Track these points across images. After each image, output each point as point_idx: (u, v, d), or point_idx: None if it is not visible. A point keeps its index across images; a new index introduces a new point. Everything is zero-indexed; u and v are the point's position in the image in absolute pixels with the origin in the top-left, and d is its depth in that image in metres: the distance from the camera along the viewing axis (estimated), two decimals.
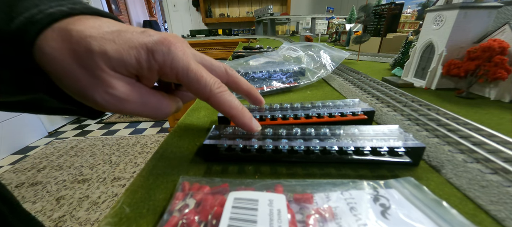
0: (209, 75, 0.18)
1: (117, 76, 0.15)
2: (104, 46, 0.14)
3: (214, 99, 0.18)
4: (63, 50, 0.14)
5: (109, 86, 0.15)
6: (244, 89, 0.22)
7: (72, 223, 1.04)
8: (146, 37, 0.16)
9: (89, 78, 0.14)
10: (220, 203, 0.14)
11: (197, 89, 0.17)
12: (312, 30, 1.55)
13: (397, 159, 0.19)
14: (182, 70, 0.16)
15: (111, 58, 0.14)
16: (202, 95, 0.18)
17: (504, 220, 0.14)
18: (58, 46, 0.14)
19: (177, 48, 0.16)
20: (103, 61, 0.14)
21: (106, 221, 0.15)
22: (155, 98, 0.17)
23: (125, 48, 0.15)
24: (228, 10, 2.83)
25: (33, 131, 1.81)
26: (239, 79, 0.22)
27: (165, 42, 0.16)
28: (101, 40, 0.14)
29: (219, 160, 0.21)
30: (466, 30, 0.35)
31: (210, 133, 0.21)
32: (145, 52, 0.15)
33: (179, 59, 0.16)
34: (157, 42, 0.16)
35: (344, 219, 0.13)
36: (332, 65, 0.48)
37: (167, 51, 0.16)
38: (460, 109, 0.30)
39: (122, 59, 0.15)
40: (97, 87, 0.15)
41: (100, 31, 0.15)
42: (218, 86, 0.18)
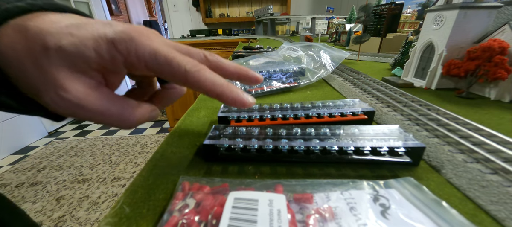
0: (183, 56, 0.16)
1: (75, 77, 0.14)
2: (60, 41, 0.13)
3: (192, 79, 0.15)
4: (16, 47, 0.13)
5: (61, 88, 0.14)
6: (231, 71, 0.19)
7: (72, 223, 1.04)
8: (107, 28, 0.14)
9: (42, 78, 0.13)
10: (220, 203, 0.14)
11: (170, 72, 0.15)
12: (312, 30, 1.55)
13: (397, 159, 0.19)
14: (150, 55, 0.15)
15: (67, 53, 0.13)
16: (179, 78, 0.16)
17: (504, 220, 0.14)
18: (11, 42, 0.13)
19: (142, 35, 0.15)
20: (59, 58, 0.13)
21: (106, 221, 0.15)
22: (116, 106, 0.16)
23: (82, 41, 0.14)
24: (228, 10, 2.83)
25: (33, 131, 1.81)
26: (222, 61, 0.19)
27: (127, 31, 0.15)
28: (58, 35, 0.13)
29: (219, 160, 0.21)
30: (466, 30, 0.35)
31: (210, 133, 0.21)
32: (105, 42, 0.14)
33: (145, 45, 0.15)
34: (119, 32, 0.14)
35: (344, 219, 0.13)
36: (332, 65, 0.48)
37: (129, 39, 0.14)
38: (460, 109, 0.30)
39: (79, 52, 0.14)
40: (48, 88, 0.14)
41: (59, 26, 0.14)
42: (194, 64, 0.16)
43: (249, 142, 0.20)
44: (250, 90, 0.39)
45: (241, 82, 0.20)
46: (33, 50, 0.13)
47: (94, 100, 0.15)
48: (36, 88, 0.14)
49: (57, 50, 0.13)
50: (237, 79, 0.20)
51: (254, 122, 0.26)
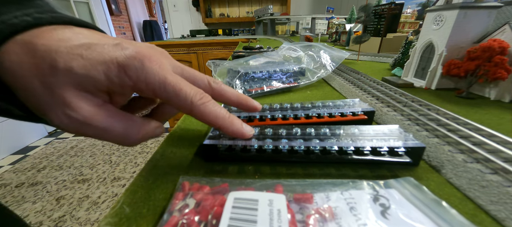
0: (189, 86, 0.16)
1: (82, 96, 0.14)
2: (70, 62, 0.13)
3: (197, 111, 0.16)
4: (24, 65, 0.13)
5: (69, 107, 0.14)
6: (233, 100, 0.21)
7: (72, 223, 1.04)
8: (117, 51, 0.15)
9: (49, 96, 0.13)
10: (220, 203, 0.14)
11: (177, 103, 0.16)
12: (312, 30, 1.55)
13: (397, 159, 0.19)
14: (159, 85, 0.15)
15: (77, 75, 0.13)
16: (184, 109, 0.16)
17: (504, 220, 0.14)
18: (19, 60, 0.13)
19: (152, 62, 0.15)
20: (68, 79, 0.13)
21: (106, 221, 0.15)
22: (121, 124, 0.16)
23: (93, 64, 0.14)
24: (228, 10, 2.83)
25: (33, 131, 1.81)
26: (225, 90, 0.20)
27: (138, 57, 0.15)
28: (68, 56, 0.13)
29: (219, 160, 0.21)
30: (466, 30, 0.35)
31: (210, 133, 0.21)
32: (115, 67, 0.14)
33: (155, 73, 0.15)
34: (129, 56, 0.15)
35: (344, 219, 0.13)
36: (332, 65, 0.48)
37: (140, 66, 0.15)
38: (460, 109, 0.30)
39: (89, 76, 0.14)
40: (55, 107, 0.14)
41: (68, 45, 0.14)
42: (200, 97, 0.17)
43: (249, 142, 0.20)
44: (250, 90, 0.39)
45: (240, 108, 0.21)
46: (41, 69, 0.13)
47: (100, 118, 0.15)
48: (43, 106, 0.14)
49: (66, 71, 0.13)
50: (237, 106, 0.21)
51: (254, 122, 0.26)
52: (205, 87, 0.19)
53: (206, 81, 0.19)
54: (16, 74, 0.13)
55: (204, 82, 0.19)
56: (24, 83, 0.13)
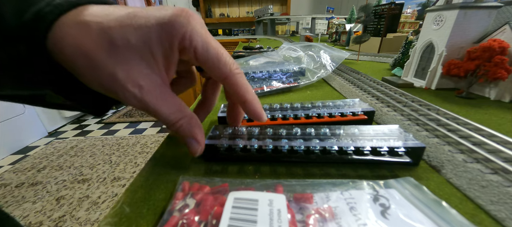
0: (228, 54, 0.17)
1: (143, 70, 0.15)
2: (126, 35, 0.13)
3: (233, 79, 0.17)
4: (84, 47, 0.13)
5: (134, 81, 0.14)
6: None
7: (72, 223, 1.04)
8: (164, 11, 0.15)
9: (115, 74, 0.14)
10: (220, 203, 0.14)
11: (216, 66, 0.16)
12: (312, 30, 1.55)
13: (397, 159, 0.19)
14: (202, 44, 0.15)
15: (134, 47, 0.14)
16: (221, 74, 0.17)
17: (504, 220, 0.14)
18: (78, 43, 0.13)
19: (195, 20, 0.15)
20: (128, 53, 0.14)
21: (106, 221, 0.15)
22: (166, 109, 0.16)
23: (145, 32, 0.14)
24: (228, 10, 2.83)
25: (33, 131, 1.81)
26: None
27: (183, 13, 0.15)
28: (121, 29, 0.13)
29: (219, 160, 0.21)
30: (466, 30, 0.35)
31: (209, 133, 0.21)
32: (164, 27, 0.14)
33: (199, 32, 0.15)
34: (175, 13, 0.15)
35: (344, 219, 0.13)
36: (332, 65, 0.48)
37: (186, 22, 0.15)
38: (460, 109, 0.30)
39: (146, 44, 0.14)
40: (124, 83, 0.14)
41: (117, 18, 0.14)
42: (237, 67, 0.17)
43: (249, 142, 0.20)
44: None
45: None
46: (101, 48, 0.13)
47: (153, 100, 0.15)
48: (109, 85, 0.14)
49: (125, 46, 0.13)
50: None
51: (254, 122, 0.26)
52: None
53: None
54: (78, 58, 0.13)
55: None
56: (88, 65, 0.13)
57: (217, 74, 0.17)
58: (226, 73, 0.17)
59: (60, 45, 0.13)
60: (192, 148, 0.18)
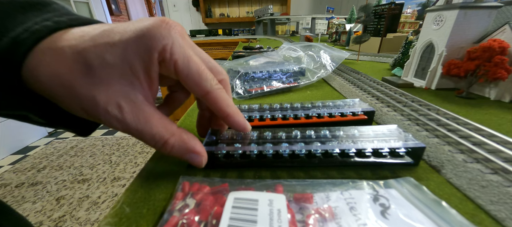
0: (207, 69, 0.16)
1: (124, 92, 0.14)
2: (102, 55, 0.13)
3: (213, 95, 0.17)
4: (59, 74, 0.12)
5: (114, 101, 0.14)
6: None
7: (72, 223, 1.04)
8: (144, 22, 0.14)
9: (93, 98, 0.13)
10: (220, 203, 0.14)
11: (197, 82, 0.16)
12: (312, 30, 1.55)
13: (399, 160, 0.19)
14: (183, 59, 0.15)
15: (112, 66, 0.13)
16: (201, 90, 0.16)
17: (504, 220, 0.14)
18: (54, 71, 0.12)
19: (177, 31, 0.15)
20: (106, 75, 0.13)
21: (106, 221, 0.15)
22: (152, 130, 0.15)
23: (122, 48, 0.13)
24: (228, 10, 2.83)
25: (33, 131, 1.81)
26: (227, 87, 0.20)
27: (163, 24, 0.14)
28: (97, 49, 0.13)
29: (217, 167, 0.20)
30: (466, 30, 0.35)
31: (206, 139, 0.20)
32: (145, 38, 0.14)
33: (180, 45, 0.15)
34: (155, 25, 0.14)
35: (344, 219, 0.13)
36: (332, 65, 0.48)
37: (166, 34, 0.14)
38: (460, 109, 0.30)
39: (125, 60, 0.13)
40: (103, 105, 0.13)
41: (91, 37, 0.13)
42: (216, 82, 0.17)
43: (249, 147, 0.19)
44: (250, 90, 0.39)
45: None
46: (77, 73, 0.13)
47: (135, 120, 0.14)
48: (87, 107, 0.13)
49: (102, 66, 0.13)
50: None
51: (254, 122, 0.26)
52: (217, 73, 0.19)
53: (220, 69, 0.20)
54: (54, 85, 0.13)
55: (218, 69, 0.20)
56: (65, 92, 0.13)
57: (198, 90, 0.16)
58: (207, 89, 0.16)
59: (36, 73, 0.12)
60: (196, 162, 0.17)
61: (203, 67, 0.16)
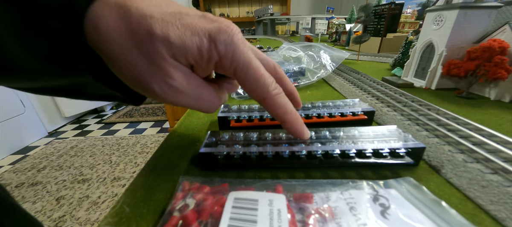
0: (267, 73, 0.16)
1: (176, 65, 0.14)
2: (167, 30, 0.13)
3: (270, 101, 0.16)
4: (121, 31, 0.12)
5: (168, 75, 0.14)
6: (288, 89, 0.21)
7: (72, 223, 1.04)
8: (208, 24, 0.14)
9: (148, 65, 0.13)
10: (220, 203, 0.14)
11: (254, 88, 0.16)
12: (312, 30, 1.55)
13: (399, 161, 0.19)
14: (243, 65, 0.15)
15: (173, 44, 0.13)
16: (259, 95, 0.16)
17: (504, 220, 0.14)
18: (116, 25, 0.12)
19: (239, 39, 0.15)
20: (165, 48, 0.13)
21: (106, 221, 0.15)
22: (208, 92, 0.16)
23: (187, 35, 0.13)
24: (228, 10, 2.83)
25: (33, 131, 1.81)
26: (285, 77, 0.21)
27: (228, 31, 0.14)
28: (163, 23, 0.13)
29: (217, 168, 0.20)
30: (466, 30, 0.35)
31: (205, 140, 0.20)
32: (207, 40, 0.14)
33: (241, 52, 0.15)
34: (220, 30, 0.14)
35: (344, 218, 0.13)
36: (332, 65, 0.48)
37: (229, 41, 0.14)
38: (460, 109, 0.30)
39: (184, 47, 0.13)
40: (155, 76, 0.13)
41: (161, 11, 0.13)
42: (274, 87, 0.16)
43: (249, 148, 0.19)
44: None
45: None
46: (138, 35, 0.13)
47: (192, 86, 0.15)
48: (141, 74, 0.13)
49: (164, 39, 0.13)
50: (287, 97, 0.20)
51: (254, 122, 0.26)
52: (271, 70, 0.19)
53: (272, 65, 0.20)
54: (114, 41, 0.12)
55: (270, 65, 0.19)
56: (122, 51, 0.13)
57: (255, 95, 0.16)
58: (264, 94, 0.16)
59: (97, 23, 0.12)
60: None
61: (261, 73, 0.16)
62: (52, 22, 0.12)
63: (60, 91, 0.18)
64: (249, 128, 0.25)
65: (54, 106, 1.94)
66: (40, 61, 0.13)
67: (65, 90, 0.17)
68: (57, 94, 0.18)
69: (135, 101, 0.18)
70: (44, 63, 0.13)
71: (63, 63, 0.14)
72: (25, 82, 0.16)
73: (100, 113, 2.31)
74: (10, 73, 0.13)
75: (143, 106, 2.39)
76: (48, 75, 0.14)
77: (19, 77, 0.14)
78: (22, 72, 0.13)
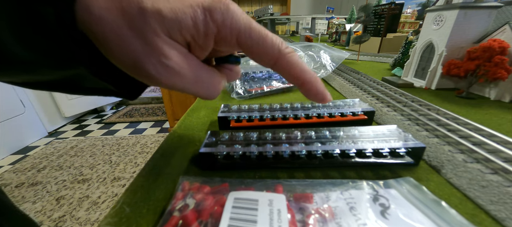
0: (273, 34, 0.15)
1: (171, 43, 0.13)
2: (158, 4, 0.12)
3: (284, 60, 0.15)
4: (112, 10, 0.12)
5: (163, 54, 0.13)
6: None
7: (72, 223, 1.04)
8: None
9: (142, 44, 0.13)
10: (220, 203, 0.14)
11: (263, 50, 0.15)
12: (312, 30, 1.55)
13: (399, 160, 0.19)
14: (245, 28, 0.14)
15: (165, 18, 0.13)
16: (269, 58, 0.15)
17: (504, 220, 0.14)
18: (107, 5, 0.12)
19: (234, 7, 0.14)
20: (157, 23, 0.13)
21: (106, 221, 0.15)
22: (208, 74, 0.15)
23: (179, 7, 0.13)
24: None
25: (33, 131, 1.81)
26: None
27: (222, 0, 0.14)
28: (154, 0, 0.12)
29: (217, 168, 0.20)
30: (466, 30, 0.35)
31: (205, 140, 0.20)
32: (202, 11, 0.13)
33: (239, 17, 0.14)
34: (215, 1, 0.13)
35: (344, 218, 0.13)
36: (332, 65, 0.48)
37: (225, 9, 0.14)
38: (460, 109, 0.30)
39: (177, 20, 0.13)
40: (150, 55, 0.13)
41: None
42: (286, 46, 0.15)
43: (248, 148, 0.19)
44: (250, 89, 0.39)
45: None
46: (129, 13, 0.12)
47: (190, 68, 0.14)
48: (135, 55, 0.13)
49: (155, 14, 0.12)
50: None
51: (254, 122, 0.26)
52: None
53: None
54: (106, 21, 0.12)
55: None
56: (115, 30, 0.12)
57: (266, 59, 0.15)
58: (275, 55, 0.15)
59: (87, 6, 0.12)
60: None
61: (266, 32, 0.15)
62: (44, 8, 0.11)
63: (55, 85, 0.17)
64: (249, 128, 0.25)
65: (54, 106, 1.94)
66: (34, 52, 0.13)
67: (60, 83, 0.17)
68: (52, 89, 0.17)
69: (129, 95, 0.18)
70: (37, 54, 0.13)
71: (56, 53, 0.13)
72: (18, 76, 0.15)
73: (100, 113, 2.31)
74: (4, 65, 0.13)
75: (143, 106, 2.39)
76: (41, 67, 0.14)
77: (12, 70, 0.14)
78: (16, 64, 0.13)
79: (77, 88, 0.18)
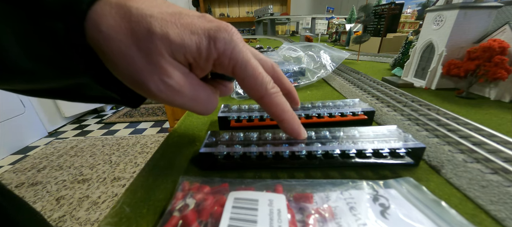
0: (265, 73, 0.17)
1: (174, 63, 0.14)
2: (166, 28, 0.13)
3: (268, 100, 0.17)
4: (121, 29, 0.13)
5: (165, 74, 0.14)
6: (286, 88, 0.21)
7: (72, 223, 1.04)
8: (207, 23, 0.15)
9: (146, 63, 0.13)
10: (220, 203, 0.14)
11: (252, 86, 0.16)
12: (312, 30, 1.55)
13: (399, 161, 0.19)
14: (241, 62, 0.15)
15: (172, 43, 0.13)
16: (256, 93, 0.16)
17: (504, 220, 0.14)
18: (116, 24, 0.12)
19: (238, 38, 0.15)
20: (163, 46, 0.13)
21: (106, 221, 0.15)
22: (205, 93, 0.16)
23: (187, 34, 0.14)
24: (228, 10, 2.83)
25: (33, 131, 1.81)
26: (283, 76, 0.21)
27: (227, 30, 0.15)
28: (163, 22, 0.13)
29: (216, 168, 0.20)
30: (466, 30, 0.35)
31: (205, 140, 0.20)
32: (206, 39, 0.14)
33: (240, 50, 0.15)
34: (219, 28, 0.14)
35: (344, 218, 0.13)
36: (332, 65, 0.48)
37: (229, 39, 0.15)
38: (460, 109, 0.30)
39: (183, 45, 0.14)
40: (152, 74, 0.14)
41: (161, 11, 0.13)
42: (272, 86, 0.17)
43: (249, 148, 0.19)
44: None
45: (287, 98, 0.20)
46: (137, 33, 0.13)
47: (190, 87, 0.15)
48: (139, 73, 0.14)
49: (163, 38, 0.13)
50: (285, 95, 0.20)
51: (254, 122, 0.26)
52: (269, 69, 0.19)
53: (270, 64, 0.20)
54: (113, 39, 0.13)
55: (268, 65, 0.20)
56: (122, 49, 0.13)
57: (253, 93, 0.17)
58: (262, 93, 0.16)
59: (98, 22, 0.12)
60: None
61: (260, 71, 0.16)
62: (54, 23, 0.12)
63: (57, 93, 0.18)
64: (249, 128, 0.25)
65: (54, 106, 1.94)
66: (39, 63, 0.13)
67: (62, 92, 0.17)
68: (53, 96, 0.18)
69: (133, 103, 0.19)
70: (43, 64, 0.13)
71: (62, 63, 0.14)
72: (21, 85, 0.16)
73: (100, 113, 2.31)
74: (8, 76, 0.13)
75: (143, 106, 2.39)
76: (45, 77, 0.14)
77: (16, 80, 0.14)
78: (20, 75, 0.13)
79: (81, 96, 0.18)
